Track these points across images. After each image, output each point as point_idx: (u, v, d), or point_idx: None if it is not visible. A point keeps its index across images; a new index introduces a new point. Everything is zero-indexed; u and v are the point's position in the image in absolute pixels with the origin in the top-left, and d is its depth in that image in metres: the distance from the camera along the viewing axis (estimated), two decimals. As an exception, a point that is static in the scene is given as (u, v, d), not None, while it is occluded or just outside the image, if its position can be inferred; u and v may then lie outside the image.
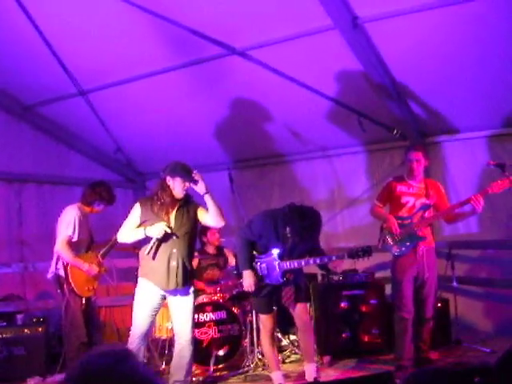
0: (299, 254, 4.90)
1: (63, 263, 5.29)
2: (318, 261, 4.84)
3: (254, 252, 4.99)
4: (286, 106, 6.49)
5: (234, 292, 5.95)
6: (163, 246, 4.71)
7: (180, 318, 4.84)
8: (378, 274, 6.36)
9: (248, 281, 4.94)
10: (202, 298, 5.86)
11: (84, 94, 6.63)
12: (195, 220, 4.90)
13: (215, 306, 5.82)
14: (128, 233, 4.80)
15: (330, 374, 5.48)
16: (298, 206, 4.95)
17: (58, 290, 5.38)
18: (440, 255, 5.59)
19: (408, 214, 5.31)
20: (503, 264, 6.15)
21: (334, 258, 4.82)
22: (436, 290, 5.45)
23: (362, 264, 6.33)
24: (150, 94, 6.52)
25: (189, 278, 4.85)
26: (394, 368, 5.29)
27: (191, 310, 4.91)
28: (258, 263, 4.96)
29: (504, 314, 6.08)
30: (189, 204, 4.90)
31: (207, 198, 4.74)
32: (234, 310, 5.86)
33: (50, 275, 5.45)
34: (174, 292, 4.78)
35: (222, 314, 5.81)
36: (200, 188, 4.70)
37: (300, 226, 4.77)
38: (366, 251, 4.74)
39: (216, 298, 5.92)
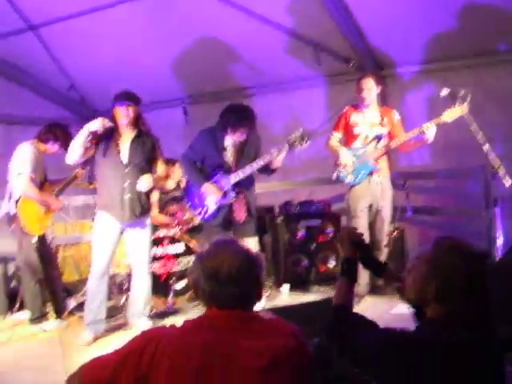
0: (244, 163, 4.94)
1: (15, 201, 5.20)
2: (260, 162, 4.85)
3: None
4: (241, 39, 6.35)
5: (191, 225, 5.97)
6: (115, 178, 4.67)
7: (137, 251, 4.88)
8: (336, 206, 6.42)
9: (212, 190, 4.95)
10: (160, 232, 5.85)
11: (34, 29, 6.39)
12: (151, 153, 4.84)
13: (173, 240, 5.83)
14: (72, 147, 4.63)
15: (288, 301, 5.60)
16: (229, 105, 4.98)
17: (10, 229, 5.32)
18: (395, 186, 5.65)
19: (362, 144, 5.36)
20: (455, 193, 6.26)
21: (274, 152, 4.80)
22: (390, 219, 5.56)
23: (318, 195, 6.44)
24: (103, 29, 6.29)
25: (145, 210, 4.85)
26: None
27: (148, 242, 4.95)
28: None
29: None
30: (146, 136, 4.82)
31: None
32: (192, 243, 5.88)
33: (0, 215, 5.36)
34: (131, 225, 4.79)
35: (180, 248, 5.84)
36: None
37: (240, 121, 4.79)
38: (303, 137, 4.74)
39: (174, 231, 5.92)
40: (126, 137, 4.77)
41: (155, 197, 5.91)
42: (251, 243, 4.99)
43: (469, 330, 1.81)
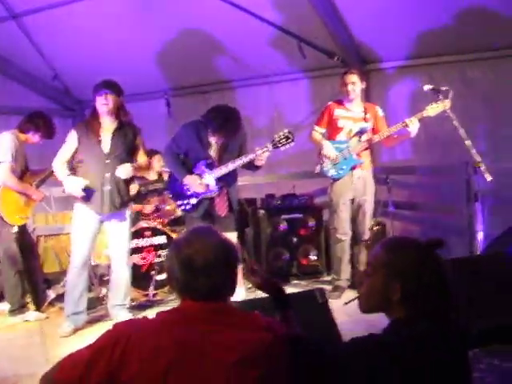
0: (227, 159, 4.93)
1: None
2: (244, 159, 4.84)
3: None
4: (226, 32, 6.36)
5: (173, 217, 5.96)
6: (95, 170, 4.66)
7: (116, 243, 4.86)
8: (318, 200, 6.45)
9: (193, 182, 4.92)
10: (141, 224, 5.83)
11: (16, 18, 6.33)
12: (132, 144, 4.81)
13: (154, 231, 5.80)
14: (59, 166, 4.74)
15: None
16: (215, 107, 4.93)
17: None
18: (377, 181, 5.67)
19: (345, 138, 5.37)
20: (437, 189, 6.30)
21: (258, 150, 4.79)
22: (372, 213, 5.59)
23: (301, 189, 6.46)
24: (87, 18, 6.23)
25: (124, 202, 4.83)
26: (332, 288, 5.45)
27: (128, 234, 4.92)
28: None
29: (438, 237, 6.24)
30: (127, 127, 4.79)
31: None
32: (173, 234, 5.86)
33: None
34: (110, 216, 4.77)
35: (161, 239, 5.81)
36: None
37: (223, 127, 4.77)
38: (288, 137, 4.74)
39: (155, 223, 5.90)
40: (107, 127, 4.72)
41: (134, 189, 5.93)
42: (231, 237, 4.98)
43: (429, 322, 1.82)
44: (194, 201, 4.99)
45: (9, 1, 6.05)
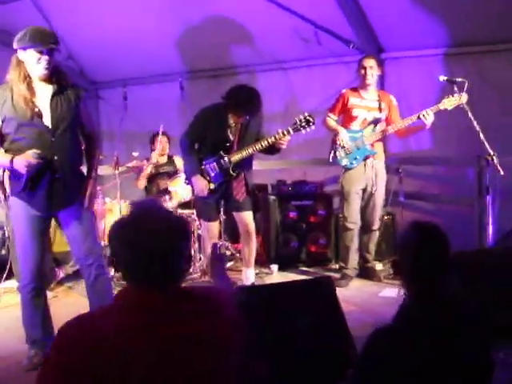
0: (247, 141, 4.89)
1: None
2: (264, 142, 4.78)
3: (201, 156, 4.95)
4: (242, 18, 6.33)
5: (182, 200, 5.94)
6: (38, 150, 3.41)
7: (81, 241, 3.67)
8: (329, 188, 6.43)
9: (199, 186, 4.89)
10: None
11: (33, -3, 6.33)
12: (77, 110, 3.56)
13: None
14: None
15: (277, 280, 5.62)
16: (237, 85, 4.87)
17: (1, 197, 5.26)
18: (390, 171, 5.66)
19: (360, 128, 5.34)
20: (449, 181, 6.27)
21: (279, 132, 4.73)
22: (383, 203, 5.58)
23: (312, 176, 6.45)
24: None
25: (81, 192, 3.64)
26: (339, 277, 5.46)
27: (92, 226, 3.78)
28: (207, 165, 4.91)
29: (448, 228, 6.22)
30: (67, 88, 3.55)
31: None
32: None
33: None
34: (64, 213, 3.62)
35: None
36: None
37: (247, 102, 4.69)
38: (308, 120, 4.69)
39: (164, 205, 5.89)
40: (43, 92, 3.48)
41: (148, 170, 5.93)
42: (248, 217, 5.03)
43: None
44: (212, 186, 4.97)
45: (25, -21, 6.03)
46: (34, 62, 3.35)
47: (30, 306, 3.65)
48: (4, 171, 3.59)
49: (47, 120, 3.43)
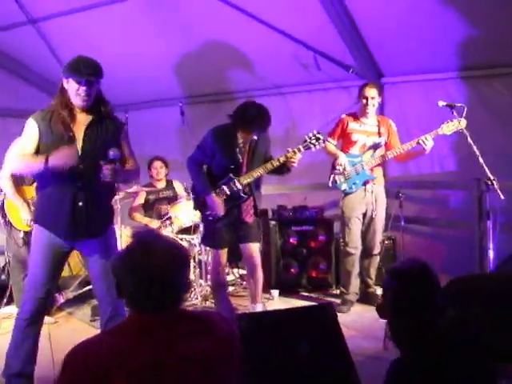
0: (255, 162, 4.75)
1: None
2: (276, 163, 4.64)
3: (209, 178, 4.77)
4: (242, 43, 6.38)
5: (183, 225, 5.92)
6: (62, 178, 3.37)
7: (102, 281, 3.55)
8: (329, 212, 6.45)
9: (216, 204, 4.63)
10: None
11: (34, 23, 6.38)
12: (114, 142, 3.53)
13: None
14: (20, 161, 3.48)
15: (277, 306, 5.58)
16: (246, 102, 4.76)
17: (2, 221, 5.29)
18: (390, 195, 5.66)
19: (359, 152, 5.37)
20: (449, 205, 6.28)
21: (290, 151, 4.60)
22: (383, 227, 5.57)
23: (312, 201, 6.45)
24: (103, 25, 6.28)
25: (106, 224, 3.65)
26: (340, 302, 5.44)
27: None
28: (222, 185, 4.71)
29: (448, 253, 6.23)
30: (107, 119, 3.57)
31: None
32: (183, 243, 5.82)
33: None
34: (86, 244, 3.56)
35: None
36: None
37: (256, 118, 4.54)
38: (318, 138, 4.60)
39: (164, 231, 5.86)
40: (81, 120, 3.49)
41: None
42: (255, 249, 4.81)
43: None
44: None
45: (27, 6, 6.09)
46: (73, 92, 3.36)
47: (22, 336, 3.50)
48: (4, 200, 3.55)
49: (79, 147, 3.41)
